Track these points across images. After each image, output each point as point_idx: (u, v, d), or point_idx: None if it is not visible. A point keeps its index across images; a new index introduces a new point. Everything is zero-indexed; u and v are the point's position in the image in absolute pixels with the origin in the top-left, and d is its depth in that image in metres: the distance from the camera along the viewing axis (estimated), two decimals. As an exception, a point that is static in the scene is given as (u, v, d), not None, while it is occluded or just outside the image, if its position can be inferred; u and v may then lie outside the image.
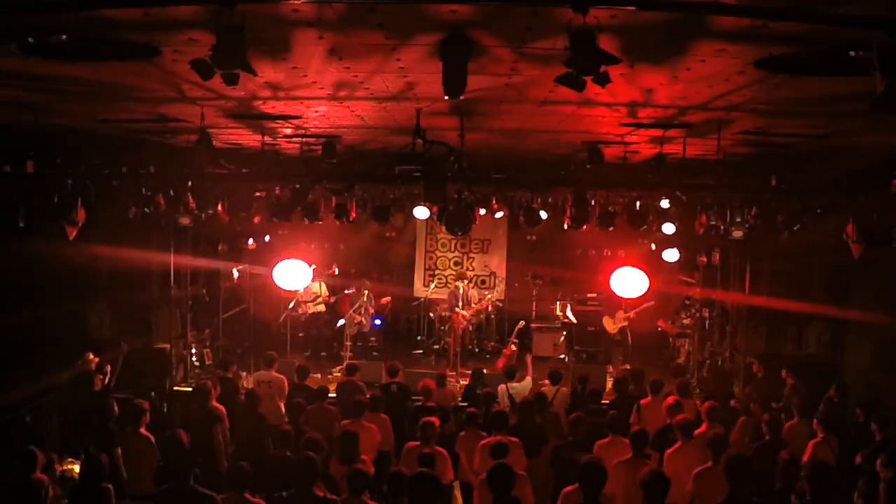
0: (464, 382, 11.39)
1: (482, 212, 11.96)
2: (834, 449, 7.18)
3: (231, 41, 3.57)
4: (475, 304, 13.77)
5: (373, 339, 14.38)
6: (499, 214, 12.40)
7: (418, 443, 6.99)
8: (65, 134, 8.16)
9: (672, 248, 13.58)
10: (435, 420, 7.28)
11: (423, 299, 15.15)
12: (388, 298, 14.15)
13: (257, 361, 11.02)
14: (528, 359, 12.40)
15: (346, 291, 13.94)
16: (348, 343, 13.40)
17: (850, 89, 4.90)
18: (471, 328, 13.96)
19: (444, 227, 9.87)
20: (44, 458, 5.91)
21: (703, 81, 5.21)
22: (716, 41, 4.17)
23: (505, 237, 15.78)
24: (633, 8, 3.63)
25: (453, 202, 8.43)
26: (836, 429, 7.48)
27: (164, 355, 11.54)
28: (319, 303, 13.88)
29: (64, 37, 4.33)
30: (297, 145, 9.28)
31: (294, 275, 12.77)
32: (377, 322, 14.40)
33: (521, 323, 13.71)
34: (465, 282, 13.88)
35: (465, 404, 9.30)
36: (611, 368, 12.84)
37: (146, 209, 9.43)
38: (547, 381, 9.71)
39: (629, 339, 13.57)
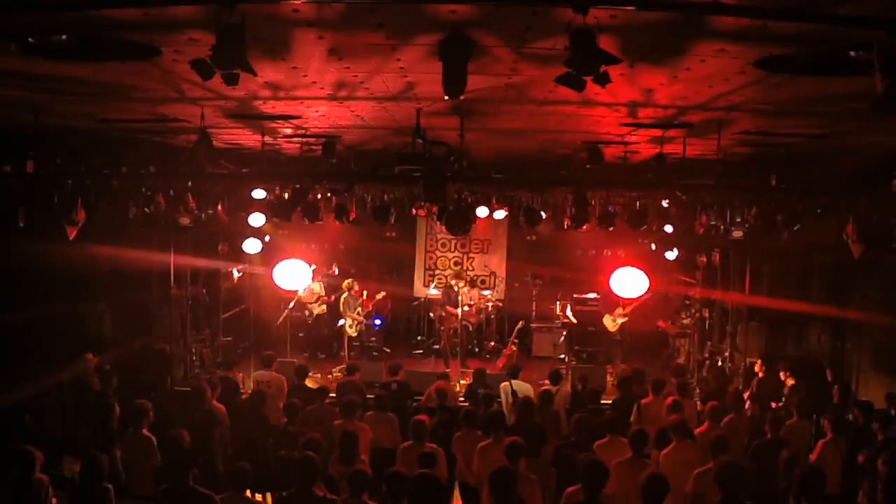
0: (464, 382, 11.40)
1: (482, 212, 11.96)
2: (842, 449, 7.19)
3: (231, 41, 3.57)
4: (470, 303, 13.74)
5: (373, 339, 14.36)
6: (499, 214, 12.40)
7: (411, 442, 7.02)
8: (65, 134, 8.16)
9: (672, 248, 13.60)
10: (426, 419, 7.29)
11: (423, 299, 15.15)
12: (384, 293, 14.06)
13: (257, 361, 11.02)
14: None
15: (347, 294, 13.83)
16: (348, 343, 13.40)
17: (850, 89, 4.90)
18: (470, 328, 13.96)
19: (444, 227, 9.87)
20: (43, 458, 5.91)
21: (703, 81, 5.21)
22: (716, 41, 4.17)
23: (505, 237, 15.78)
24: (633, 8, 3.63)
25: (453, 202, 8.43)
26: (840, 429, 7.48)
27: (164, 355, 11.53)
28: (322, 303, 13.88)
29: (64, 37, 4.33)
30: (297, 145, 9.29)
31: (294, 275, 12.78)
32: (377, 322, 14.39)
33: (521, 323, 13.74)
34: (461, 282, 13.87)
35: (468, 403, 9.33)
36: (611, 368, 12.85)
37: (146, 209, 9.43)
38: (547, 381, 9.71)
39: (628, 338, 13.59)
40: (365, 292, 13.86)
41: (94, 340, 10.22)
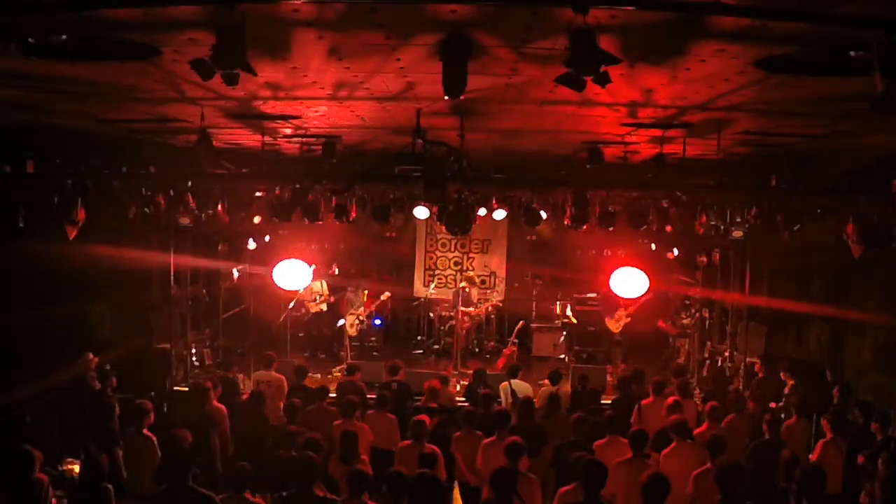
0: (464, 382, 11.40)
1: (482, 212, 11.96)
2: (842, 449, 7.19)
3: (231, 41, 3.57)
4: (475, 304, 13.77)
5: (373, 339, 14.36)
6: (499, 214, 12.40)
7: (410, 441, 7.01)
8: (65, 134, 8.16)
9: (672, 248, 13.59)
10: (426, 418, 7.29)
11: (423, 299, 15.15)
12: (388, 295, 14.08)
13: (257, 361, 11.03)
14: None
15: (348, 293, 13.86)
16: (348, 343, 13.40)
17: (850, 89, 4.90)
18: (471, 329, 13.95)
19: (444, 227, 9.87)
20: (43, 458, 5.91)
21: (703, 81, 5.22)
22: (716, 41, 4.17)
23: (505, 237, 15.76)
24: (632, 8, 3.63)
25: (453, 202, 8.43)
26: (840, 429, 7.48)
27: (164, 355, 11.53)
28: (322, 302, 13.88)
29: (64, 37, 4.33)
30: (297, 145, 9.28)
31: (294, 274, 12.78)
32: (377, 322, 14.38)
33: (521, 323, 13.73)
34: (470, 285, 13.88)
35: (467, 403, 9.31)
36: (611, 368, 12.84)
37: (146, 209, 9.43)
38: (547, 381, 9.71)
39: (628, 338, 13.57)
40: (366, 292, 13.86)
41: (94, 340, 10.22)
